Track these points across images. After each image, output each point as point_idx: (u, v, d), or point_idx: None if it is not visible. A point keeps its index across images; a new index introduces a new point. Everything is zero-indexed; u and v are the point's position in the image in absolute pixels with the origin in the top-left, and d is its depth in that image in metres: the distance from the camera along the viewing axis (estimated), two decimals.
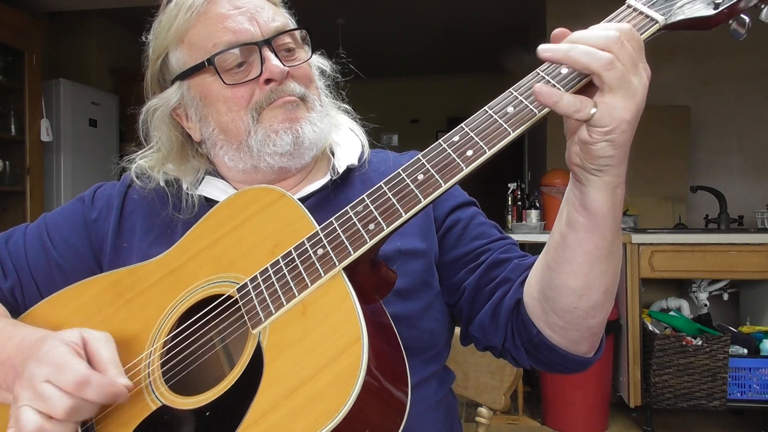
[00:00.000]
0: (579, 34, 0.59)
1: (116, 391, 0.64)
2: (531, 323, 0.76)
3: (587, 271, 0.68)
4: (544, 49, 0.59)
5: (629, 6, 0.64)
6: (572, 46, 0.58)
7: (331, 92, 0.95)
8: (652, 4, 0.63)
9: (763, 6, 0.62)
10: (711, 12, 0.61)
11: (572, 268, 0.68)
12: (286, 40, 0.87)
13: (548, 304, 0.73)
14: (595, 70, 0.57)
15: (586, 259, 0.67)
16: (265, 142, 0.83)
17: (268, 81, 0.83)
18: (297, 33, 0.89)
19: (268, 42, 0.83)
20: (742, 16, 0.63)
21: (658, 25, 0.62)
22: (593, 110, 0.58)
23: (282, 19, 0.88)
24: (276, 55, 0.84)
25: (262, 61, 0.83)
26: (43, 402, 0.63)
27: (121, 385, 0.65)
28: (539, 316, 0.75)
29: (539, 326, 0.76)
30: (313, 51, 0.91)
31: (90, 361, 0.66)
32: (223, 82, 0.83)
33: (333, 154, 0.92)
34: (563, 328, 0.73)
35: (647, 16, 0.62)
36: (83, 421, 0.69)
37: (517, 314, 0.79)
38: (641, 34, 0.61)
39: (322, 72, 0.94)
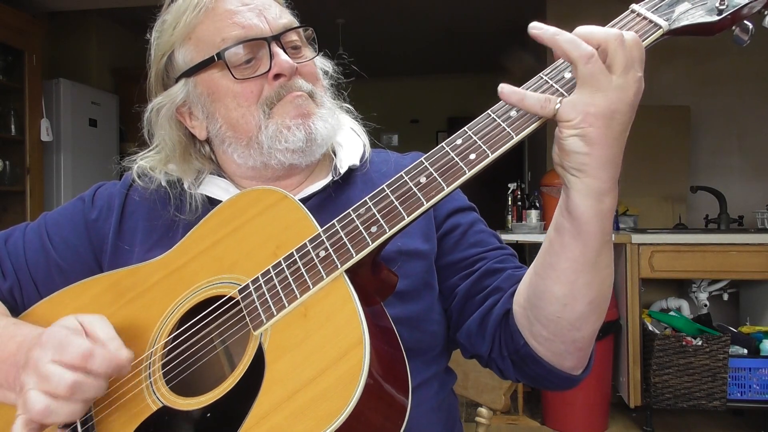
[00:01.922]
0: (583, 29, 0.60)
1: (120, 362, 0.65)
2: (518, 334, 0.76)
3: (572, 279, 0.67)
4: (533, 26, 0.60)
5: (633, 11, 0.63)
6: (559, 31, 0.59)
7: (333, 93, 0.95)
8: (656, 9, 0.63)
9: (766, 12, 0.62)
10: (714, 18, 0.61)
11: (557, 275, 0.68)
12: (293, 37, 0.87)
13: (533, 312, 0.72)
14: (574, 59, 0.58)
15: (571, 266, 0.66)
16: (277, 138, 0.83)
17: (277, 76, 0.83)
18: (302, 31, 0.89)
19: (276, 38, 0.84)
20: (745, 22, 0.63)
21: (661, 30, 0.62)
22: (557, 105, 0.59)
23: (289, 17, 0.88)
24: (284, 50, 0.84)
25: (271, 56, 0.83)
26: (47, 381, 0.63)
27: (123, 357, 0.66)
28: (525, 326, 0.75)
29: (525, 337, 0.75)
30: (317, 51, 0.91)
31: (90, 338, 0.67)
32: (233, 76, 0.83)
33: (335, 154, 0.92)
34: (548, 339, 0.73)
35: (651, 22, 0.62)
36: (83, 420, 0.69)
37: (505, 324, 0.79)
38: (644, 40, 0.61)
39: (325, 73, 0.94)
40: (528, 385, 0.82)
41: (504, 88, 0.60)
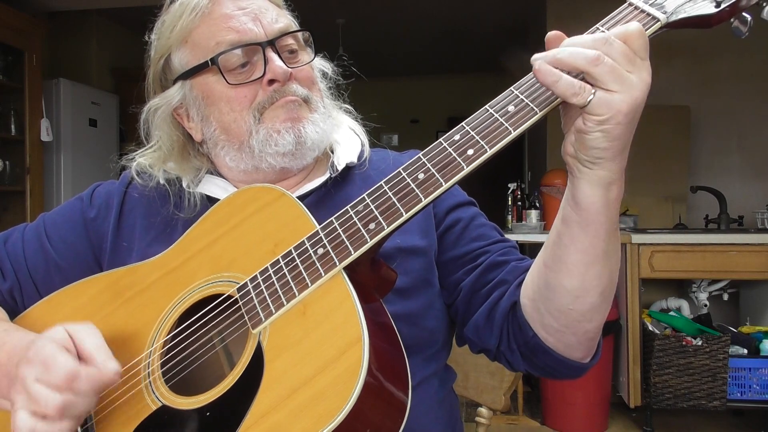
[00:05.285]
0: (570, 39, 0.60)
1: (106, 379, 0.64)
2: (527, 325, 0.76)
3: (583, 271, 0.67)
4: (535, 58, 0.60)
5: (630, 4, 0.63)
6: (559, 49, 0.59)
7: (332, 93, 0.95)
8: (653, 2, 0.62)
9: (764, 4, 0.62)
10: (713, 10, 0.61)
11: (567, 268, 0.68)
12: (290, 41, 0.87)
13: (543, 305, 0.73)
14: (582, 68, 0.57)
15: (581, 259, 0.67)
16: (267, 142, 0.83)
17: (271, 82, 0.83)
18: (300, 35, 0.89)
19: (271, 43, 0.83)
20: (743, 14, 0.62)
21: (659, 23, 0.61)
22: (591, 97, 0.58)
23: (285, 20, 0.88)
24: (279, 56, 0.83)
25: (266, 61, 0.82)
26: (35, 402, 0.63)
27: (110, 371, 0.65)
28: (535, 318, 0.75)
29: (535, 328, 0.75)
30: (315, 53, 0.91)
31: (78, 353, 0.66)
32: (227, 81, 0.83)
33: (333, 153, 0.92)
34: (559, 331, 0.73)
35: (648, 14, 0.62)
36: (83, 421, 0.69)
37: (513, 316, 0.79)
38: None
39: (324, 74, 0.94)
40: (537, 375, 0.82)
41: (542, 66, 0.59)
